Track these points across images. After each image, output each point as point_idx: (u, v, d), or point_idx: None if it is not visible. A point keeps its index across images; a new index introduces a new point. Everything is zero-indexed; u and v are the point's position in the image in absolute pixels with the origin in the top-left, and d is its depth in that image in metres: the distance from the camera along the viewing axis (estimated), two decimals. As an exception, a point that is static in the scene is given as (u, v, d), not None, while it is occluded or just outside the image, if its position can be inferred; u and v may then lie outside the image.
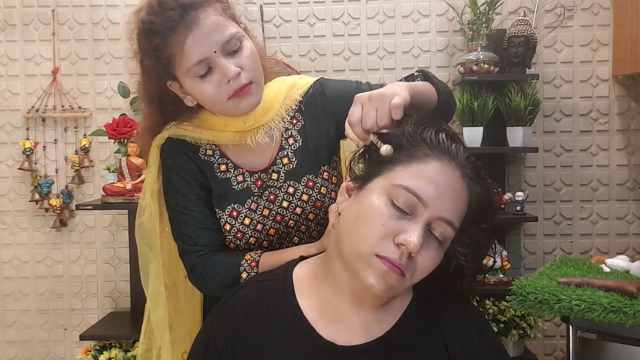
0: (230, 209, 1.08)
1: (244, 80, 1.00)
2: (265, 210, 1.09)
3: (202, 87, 1.00)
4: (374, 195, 0.82)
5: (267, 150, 1.11)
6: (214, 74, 0.99)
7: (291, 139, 1.12)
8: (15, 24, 2.51)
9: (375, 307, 0.88)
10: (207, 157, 1.10)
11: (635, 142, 2.51)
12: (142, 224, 1.18)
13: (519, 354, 2.32)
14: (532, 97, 2.30)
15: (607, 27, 2.48)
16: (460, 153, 0.84)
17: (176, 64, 0.99)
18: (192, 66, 0.98)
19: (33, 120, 2.51)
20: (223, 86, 0.99)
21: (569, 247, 2.53)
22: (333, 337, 0.86)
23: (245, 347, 0.87)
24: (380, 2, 2.51)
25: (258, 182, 1.10)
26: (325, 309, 0.88)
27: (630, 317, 1.42)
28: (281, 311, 0.89)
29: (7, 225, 2.55)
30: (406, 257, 0.79)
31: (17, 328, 2.58)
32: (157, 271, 1.18)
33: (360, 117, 0.86)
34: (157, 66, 1.01)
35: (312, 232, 1.13)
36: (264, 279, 0.94)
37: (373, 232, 0.80)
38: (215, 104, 1.03)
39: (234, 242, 1.10)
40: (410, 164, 0.82)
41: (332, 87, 1.15)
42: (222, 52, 0.98)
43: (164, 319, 1.18)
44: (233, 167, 1.10)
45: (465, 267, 0.88)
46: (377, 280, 0.80)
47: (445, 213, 0.80)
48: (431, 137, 0.84)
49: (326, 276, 0.90)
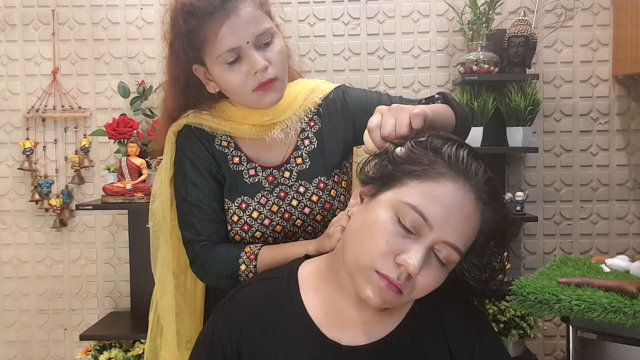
0: (240, 200, 1.10)
1: (270, 75, 1.03)
2: (274, 207, 1.11)
3: (229, 75, 1.03)
4: (381, 208, 0.81)
5: (282, 148, 1.13)
6: (243, 64, 1.01)
7: (307, 140, 1.14)
8: (15, 24, 2.51)
9: (379, 309, 0.88)
10: (222, 148, 1.12)
11: (635, 142, 2.50)
12: (153, 211, 1.19)
13: (519, 354, 2.32)
14: (532, 97, 2.30)
15: (607, 27, 2.48)
16: (479, 174, 0.80)
17: (207, 49, 1.02)
18: (223, 53, 1.00)
19: (33, 120, 2.51)
20: (250, 77, 1.02)
21: (569, 247, 2.53)
22: (337, 337, 0.86)
23: (249, 345, 0.87)
24: (380, 2, 2.51)
25: (269, 177, 1.12)
26: (330, 308, 0.89)
27: (630, 317, 1.42)
28: (286, 309, 0.88)
29: (7, 225, 2.55)
30: (405, 277, 0.78)
31: (17, 328, 2.57)
32: (166, 258, 1.19)
33: (379, 123, 0.87)
34: (187, 49, 1.03)
35: (317, 234, 1.13)
36: (269, 277, 0.94)
37: (375, 247, 0.79)
38: (239, 94, 1.05)
39: (240, 235, 1.11)
40: (423, 182, 0.79)
41: (353, 96, 1.18)
42: (254, 44, 1.01)
43: (171, 307, 1.19)
44: (246, 161, 1.12)
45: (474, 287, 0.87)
46: (374, 294, 0.79)
47: (451, 238, 0.78)
48: (450, 153, 0.80)
49: (331, 277, 0.90)
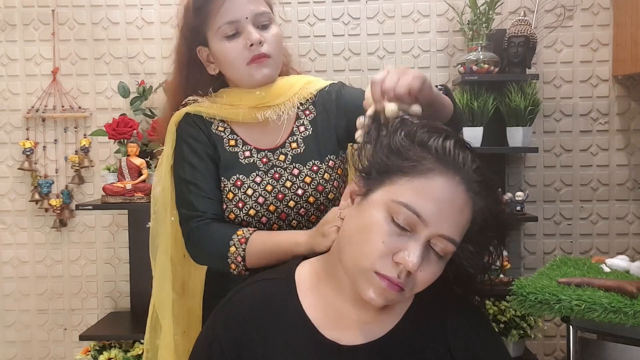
0: (235, 178, 1.16)
1: (264, 50, 1.13)
2: (269, 186, 1.15)
3: (226, 47, 1.13)
4: (374, 209, 0.81)
5: (276, 133, 1.20)
6: (240, 38, 1.13)
7: (302, 127, 1.21)
8: (15, 24, 2.51)
9: (378, 308, 0.88)
10: (219, 132, 1.19)
11: (635, 142, 2.50)
12: (155, 197, 1.26)
13: (519, 354, 2.32)
14: (532, 97, 2.30)
15: (607, 27, 2.48)
16: (467, 164, 0.81)
17: (210, 22, 1.14)
18: (222, 24, 1.12)
19: (33, 120, 2.51)
20: (245, 51, 1.12)
21: (569, 247, 2.53)
22: (336, 337, 0.86)
23: (249, 346, 0.87)
24: (380, 2, 2.51)
25: (264, 159, 1.18)
26: (328, 309, 0.89)
27: (631, 317, 1.42)
28: (284, 310, 0.89)
29: (7, 225, 2.55)
30: (405, 275, 0.79)
31: (17, 328, 2.57)
32: (165, 244, 1.24)
33: (383, 79, 0.88)
34: (194, 26, 1.16)
35: (310, 217, 1.17)
36: (268, 278, 0.95)
37: (373, 249, 0.79)
38: (234, 66, 1.15)
39: (234, 212, 1.15)
40: (412, 179, 0.80)
41: (349, 91, 1.25)
42: (251, 21, 1.13)
43: (168, 296, 1.24)
44: (242, 143, 1.19)
45: (473, 274, 0.87)
46: (377, 295, 0.80)
47: (445, 231, 0.79)
48: (437, 147, 0.81)
49: (329, 277, 0.90)
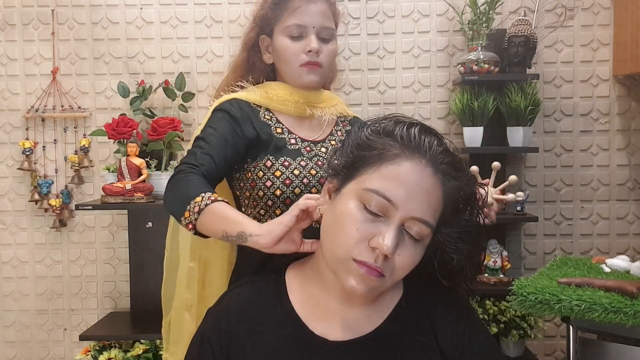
0: (283, 159, 1.23)
1: (318, 59, 1.25)
2: (313, 170, 1.23)
3: (288, 45, 1.26)
4: (347, 199, 0.84)
5: (318, 129, 1.31)
6: (302, 42, 1.25)
7: (340, 132, 1.33)
8: (14, 23, 2.51)
9: (365, 304, 0.89)
10: (265, 119, 1.27)
11: (635, 142, 2.50)
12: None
13: (519, 354, 2.32)
14: (533, 97, 2.29)
15: (608, 27, 2.48)
16: (433, 148, 0.83)
17: (282, 18, 1.26)
18: (292, 25, 1.25)
19: (32, 120, 2.51)
20: (302, 54, 1.25)
21: (569, 247, 2.53)
22: (324, 333, 0.88)
23: (238, 344, 0.88)
24: (380, 2, 2.51)
25: (307, 148, 1.26)
26: (316, 306, 0.90)
27: (631, 317, 1.42)
28: (274, 309, 0.90)
29: (7, 225, 2.55)
30: (382, 259, 0.80)
31: (16, 328, 2.57)
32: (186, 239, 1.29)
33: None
34: (267, 17, 1.28)
35: None
36: (257, 279, 0.96)
37: (348, 237, 0.81)
38: (288, 63, 1.27)
39: (281, 189, 1.20)
40: (380, 166, 0.82)
41: None
42: (317, 31, 1.25)
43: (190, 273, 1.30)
44: (287, 132, 1.27)
45: (460, 262, 0.88)
46: (357, 282, 0.81)
47: (417, 213, 0.81)
48: (402, 134, 0.84)
49: (315, 275, 0.92)
